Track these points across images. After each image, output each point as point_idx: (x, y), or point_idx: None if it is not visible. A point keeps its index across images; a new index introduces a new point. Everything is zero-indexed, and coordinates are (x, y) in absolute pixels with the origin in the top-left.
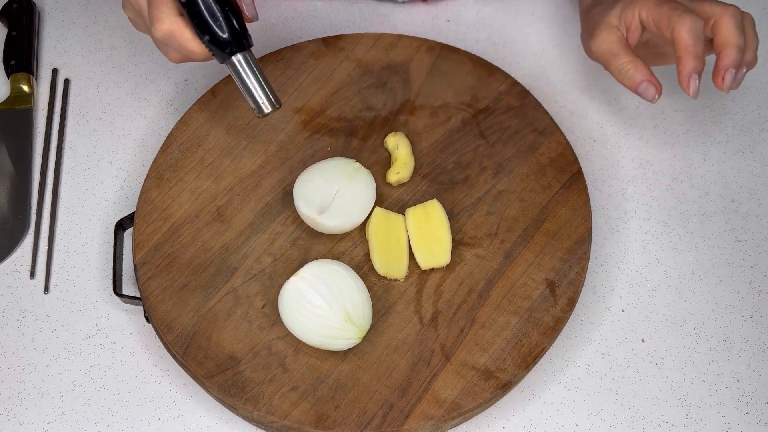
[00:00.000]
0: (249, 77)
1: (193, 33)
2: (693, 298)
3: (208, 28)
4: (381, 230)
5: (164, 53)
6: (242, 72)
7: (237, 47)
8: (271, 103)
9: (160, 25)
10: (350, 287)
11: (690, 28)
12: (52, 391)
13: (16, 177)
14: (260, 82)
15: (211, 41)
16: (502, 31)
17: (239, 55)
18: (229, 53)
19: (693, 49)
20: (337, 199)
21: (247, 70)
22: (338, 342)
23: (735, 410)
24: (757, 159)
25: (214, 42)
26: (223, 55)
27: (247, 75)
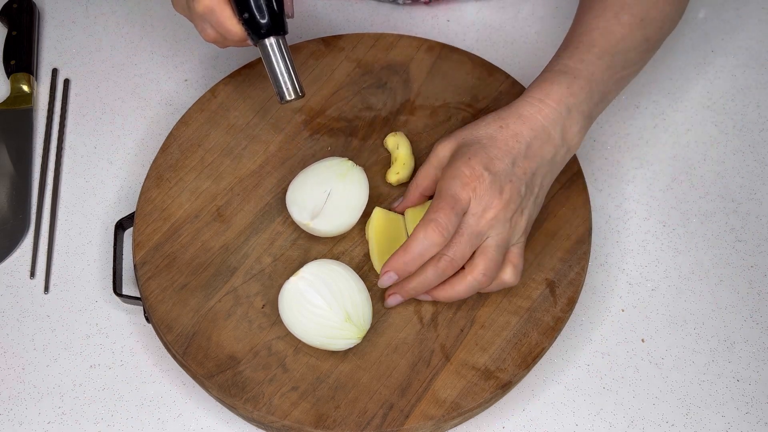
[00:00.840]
0: (278, 62)
1: (232, 12)
2: (693, 298)
3: (248, 7)
4: (381, 230)
5: (200, 30)
6: (272, 56)
7: (273, 30)
8: (295, 90)
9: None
10: (350, 287)
11: (422, 240)
12: (52, 391)
13: (16, 177)
14: (288, 69)
15: (249, 20)
16: (502, 31)
17: (273, 38)
18: (264, 35)
19: (408, 255)
20: (329, 202)
21: (278, 54)
22: (338, 342)
23: (735, 410)
24: (757, 159)
25: (251, 21)
26: (258, 36)
27: (276, 59)
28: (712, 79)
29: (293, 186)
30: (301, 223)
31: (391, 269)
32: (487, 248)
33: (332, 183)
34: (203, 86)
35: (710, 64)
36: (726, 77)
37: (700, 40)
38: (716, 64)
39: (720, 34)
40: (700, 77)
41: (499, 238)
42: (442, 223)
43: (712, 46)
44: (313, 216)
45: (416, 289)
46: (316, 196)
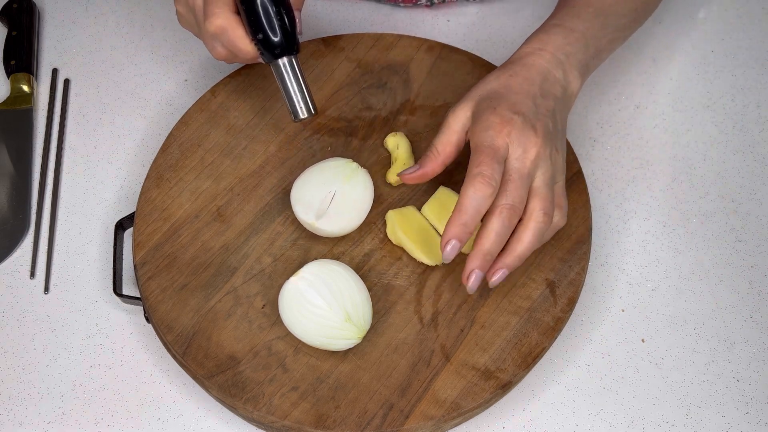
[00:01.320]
0: (291, 81)
1: (244, 31)
2: (693, 298)
3: (261, 28)
4: (407, 227)
5: (210, 48)
6: (285, 75)
7: (286, 50)
8: (308, 109)
9: (215, 19)
10: (350, 287)
11: (474, 196)
12: (52, 391)
13: (16, 177)
14: (301, 88)
15: (262, 41)
16: (502, 31)
17: (286, 58)
18: (278, 55)
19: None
20: (334, 202)
21: (291, 74)
22: (338, 342)
23: (735, 410)
24: (757, 159)
25: (265, 42)
26: (271, 56)
27: (290, 79)
28: (712, 79)
29: (297, 184)
30: (305, 222)
31: (451, 237)
32: (538, 188)
33: (337, 184)
34: (203, 86)
35: (710, 64)
36: (726, 77)
37: (700, 40)
38: (716, 64)
39: (720, 34)
40: (700, 77)
41: (546, 176)
42: (488, 173)
43: (712, 46)
44: (318, 216)
45: (490, 249)
46: (321, 195)
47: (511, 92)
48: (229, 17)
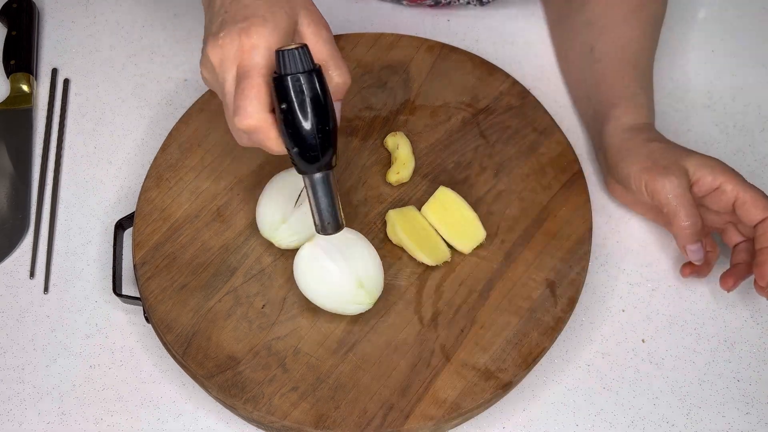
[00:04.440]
0: (322, 196)
1: (278, 134)
2: (693, 298)
3: (300, 145)
4: (407, 227)
5: (236, 137)
6: (318, 190)
7: (323, 168)
8: (335, 226)
9: (247, 120)
10: (363, 254)
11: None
12: (52, 391)
13: (16, 177)
14: (331, 203)
15: (299, 155)
16: (502, 31)
17: (321, 173)
18: (313, 171)
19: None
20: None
21: (322, 189)
22: (350, 307)
23: (735, 410)
24: (757, 159)
25: (301, 158)
26: (306, 172)
27: (321, 194)
28: (712, 79)
29: (261, 201)
30: (271, 237)
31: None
32: None
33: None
34: (203, 86)
35: (710, 64)
36: (726, 77)
37: (700, 40)
38: (716, 64)
39: (720, 34)
40: (700, 77)
41: None
42: None
43: (712, 46)
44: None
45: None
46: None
47: (674, 143)
48: (262, 118)
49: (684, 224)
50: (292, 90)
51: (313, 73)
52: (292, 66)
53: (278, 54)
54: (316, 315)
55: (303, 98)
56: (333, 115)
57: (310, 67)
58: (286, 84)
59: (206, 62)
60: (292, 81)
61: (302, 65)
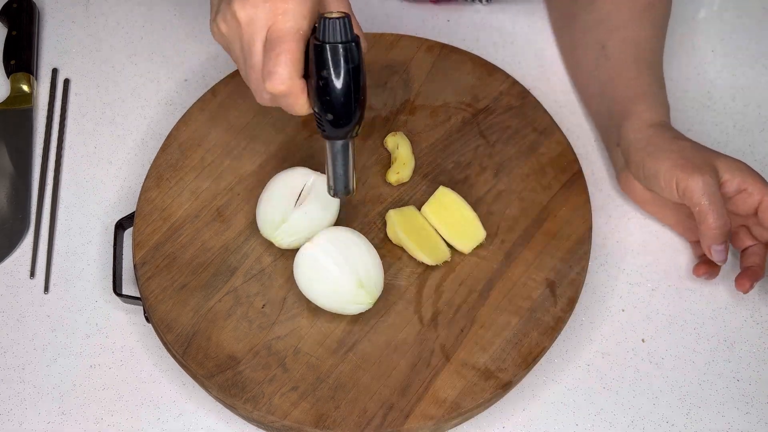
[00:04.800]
0: (341, 162)
1: (307, 98)
2: (693, 298)
3: (334, 111)
4: (407, 227)
5: (256, 93)
6: (339, 156)
7: (349, 134)
8: (347, 190)
9: (280, 86)
10: (363, 254)
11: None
12: (52, 391)
13: (16, 177)
14: (348, 169)
15: (331, 122)
16: (502, 31)
17: (344, 141)
18: (339, 137)
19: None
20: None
21: (343, 155)
22: (350, 306)
23: (735, 410)
24: (757, 159)
25: (331, 124)
26: (332, 137)
27: (341, 160)
28: (712, 79)
29: (262, 201)
30: (271, 237)
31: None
32: None
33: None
34: (203, 86)
35: (710, 64)
36: (726, 77)
37: (700, 40)
38: (716, 64)
39: (720, 34)
40: (700, 77)
41: None
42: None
43: (712, 46)
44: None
45: None
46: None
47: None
48: (295, 83)
49: (715, 224)
50: (333, 59)
51: (354, 44)
52: (336, 35)
53: (323, 21)
54: (316, 315)
55: (343, 68)
56: (366, 84)
57: (352, 38)
58: (328, 53)
59: (229, 18)
60: (334, 50)
61: (346, 34)
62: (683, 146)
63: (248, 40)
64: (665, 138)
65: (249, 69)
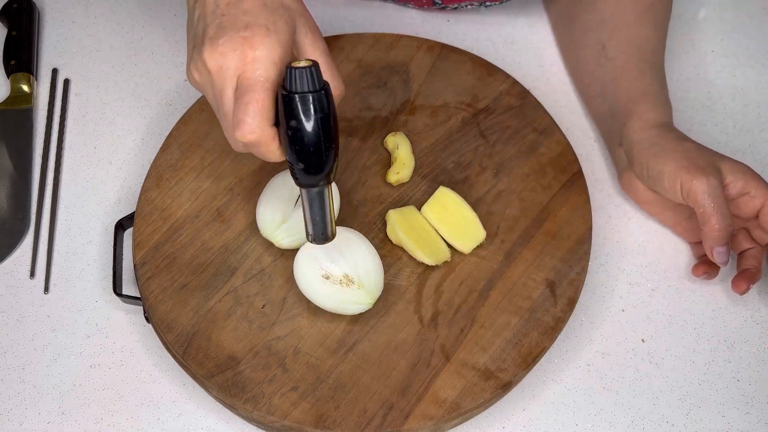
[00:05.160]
0: (317, 208)
1: (279, 145)
2: (693, 298)
3: (306, 161)
4: (407, 227)
5: (231, 143)
6: (314, 202)
7: (322, 182)
8: (326, 237)
9: (250, 135)
10: (363, 254)
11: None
12: (52, 391)
13: (16, 177)
14: (325, 216)
15: (303, 170)
16: (502, 31)
17: (319, 188)
18: (312, 185)
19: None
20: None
21: (318, 202)
22: (350, 306)
23: (735, 410)
24: (757, 159)
25: (304, 172)
26: (306, 186)
27: (317, 206)
28: (712, 79)
29: (262, 201)
30: (271, 237)
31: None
32: None
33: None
34: None
35: (710, 64)
36: (726, 77)
37: (700, 40)
38: (716, 64)
39: (720, 34)
40: (700, 77)
41: None
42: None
43: (712, 46)
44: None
45: None
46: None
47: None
48: (265, 132)
49: (718, 226)
50: (302, 109)
51: (323, 92)
52: (304, 84)
53: (290, 71)
54: (316, 315)
55: (312, 117)
56: (337, 131)
57: (320, 86)
58: (296, 102)
59: (200, 67)
60: (302, 100)
61: (313, 84)
62: (688, 147)
63: (219, 88)
64: (669, 139)
65: (221, 117)
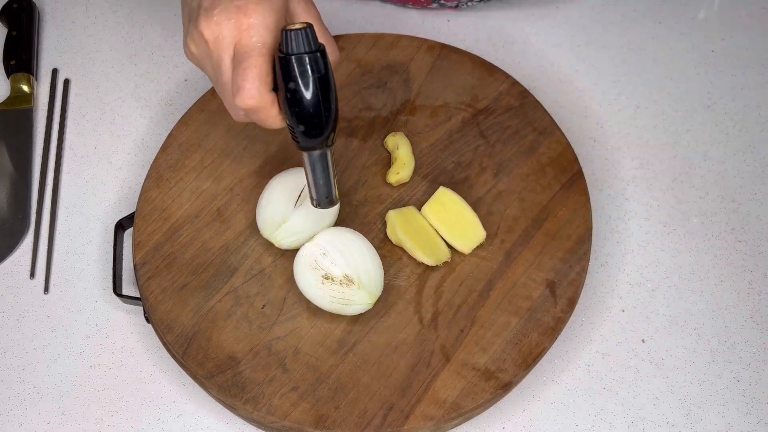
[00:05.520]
0: (320, 172)
1: (279, 110)
2: (693, 298)
3: (306, 122)
4: (407, 228)
5: (230, 110)
6: (317, 166)
7: (323, 144)
8: (330, 200)
9: (249, 100)
10: (363, 254)
11: None
12: (52, 391)
13: (16, 177)
14: (328, 179)
15: (303, 133)
16: (502, 31)
17: (320, 150)
18: (313, 148)
19: None
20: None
21: (320, 165)
22: (351, 307)
23: (735, 410)
24: (758, 159)
25: (304, 135)
26: (307, 148)
27: (320, 170)
28: (712, 79)
29: (262, 201)
30: (271, 238)
31: None
32: None
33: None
34: (203, 86)
35: (710, 64)
36: (726, 77)
37: (700, 40)
38: (716, 64)
39: (720, 34)
40: (700, 77)
41: None
42: None
43: (712, 46)
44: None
45: None
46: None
47: None
48: (264, 97)
49: None
50: (299, 70)
51: (319, 53)
52: (299, 46)
53: (285, 34)
54: (316, 315)
55: (310, 78)
56: (336, 92)
57: (316, 47)
58: (293, 64)
59: (198, 38)
60: (299, 61)
61: (309, 45)
62: None
63: (216, 58)
64: None
65: (221, 87)
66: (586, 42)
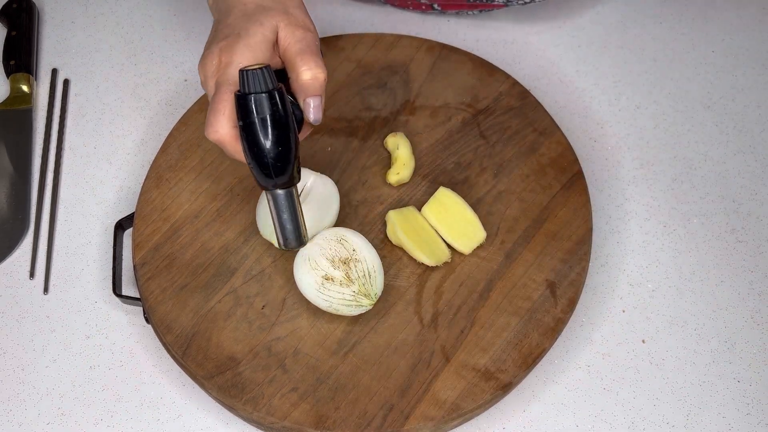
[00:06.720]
0: (282, 212)
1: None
2: (693, 298)
3: (258, 161)
4: (407, 228)
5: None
6: (279, 206)
7: (280, 186)
8: (297, 241)
9: (213, 132)
10: (363, 255)
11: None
12: (52, 391)
13: (16, 177)
14: (294, 219)
15: (258, 170)
16: (502, 31)
17: (280, 190)
18: (272, 187)
19: None
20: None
21: (283, 205)
22: (350, 308)
23: (735, 411)
24: (758, 159)
25: (259, 172)
26: (265, 188)
27: (281, 210)
28: (712, 79)
29: (261, 202)
30: (271, 238)
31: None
32: None
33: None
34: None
35: (710, 64)
36: (726, 77)
37: (700, 40)
38: (716, 64)
39: (720, 34)
40: (700, 77)
41: None
42: None
43: (712, 46)
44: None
45: None
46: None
47: None
48: (228, 133)
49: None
50: (250, 108)
51: (272, 93)
52: (254, 86)
53: (241, 74)
54: (315, 316)
55: (260, 117)
56: (293, 133)
57: (269, 87)
58: (244, 102)
59: (199, 74)
60: (250, 100)
61: (262, 85)
62: None
63: (207, 92)
64: None
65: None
66: (586, 42)
